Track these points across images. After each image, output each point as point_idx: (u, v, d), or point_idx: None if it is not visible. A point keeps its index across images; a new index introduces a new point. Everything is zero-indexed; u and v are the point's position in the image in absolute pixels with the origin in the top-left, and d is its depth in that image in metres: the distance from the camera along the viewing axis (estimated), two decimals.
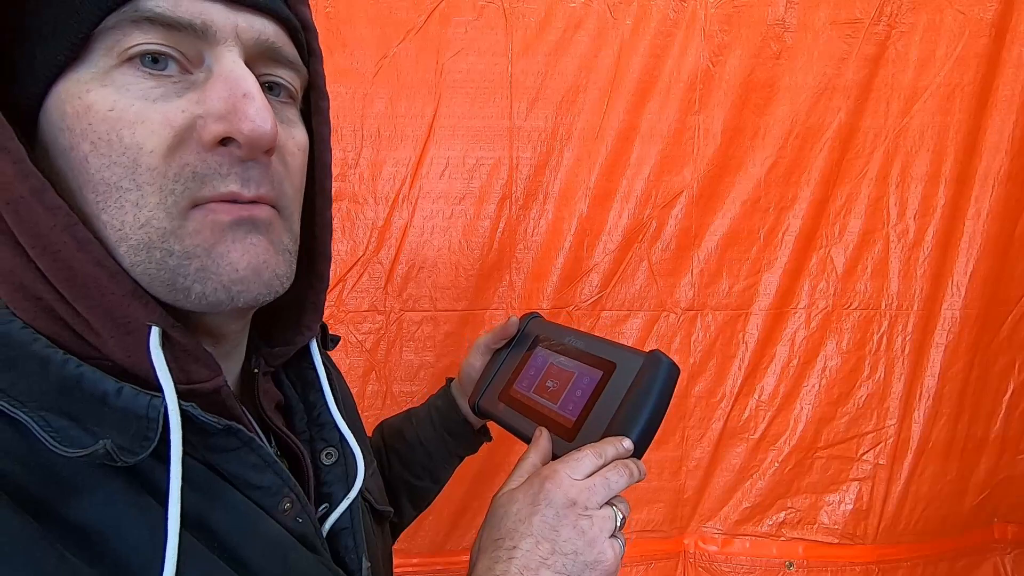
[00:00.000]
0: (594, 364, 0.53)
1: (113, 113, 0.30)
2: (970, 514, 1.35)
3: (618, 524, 0.43)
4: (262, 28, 0.34)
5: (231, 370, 0.42)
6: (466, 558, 0.45)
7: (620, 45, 1.20)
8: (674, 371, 0.48)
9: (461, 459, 0.77)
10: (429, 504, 0.77)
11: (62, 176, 0.31)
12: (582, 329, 0.60)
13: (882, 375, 1.29)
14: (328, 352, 0.53)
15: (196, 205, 0.32)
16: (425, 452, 0.71)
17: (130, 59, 0.30)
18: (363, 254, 1.19)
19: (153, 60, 0.31)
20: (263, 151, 0.33)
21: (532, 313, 0.68)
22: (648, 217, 1.24)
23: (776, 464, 1.30)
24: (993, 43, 1.22)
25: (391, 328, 1.20)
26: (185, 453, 0.32)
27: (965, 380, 1.30)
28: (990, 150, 1.25)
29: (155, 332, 0.32)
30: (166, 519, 0.30)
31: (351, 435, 0.46)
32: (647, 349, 0.52)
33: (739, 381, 1.28)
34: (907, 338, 1.28)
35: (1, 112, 0.29)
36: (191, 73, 0.32)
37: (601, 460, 0.44)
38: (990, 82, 1.23)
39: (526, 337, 0.65)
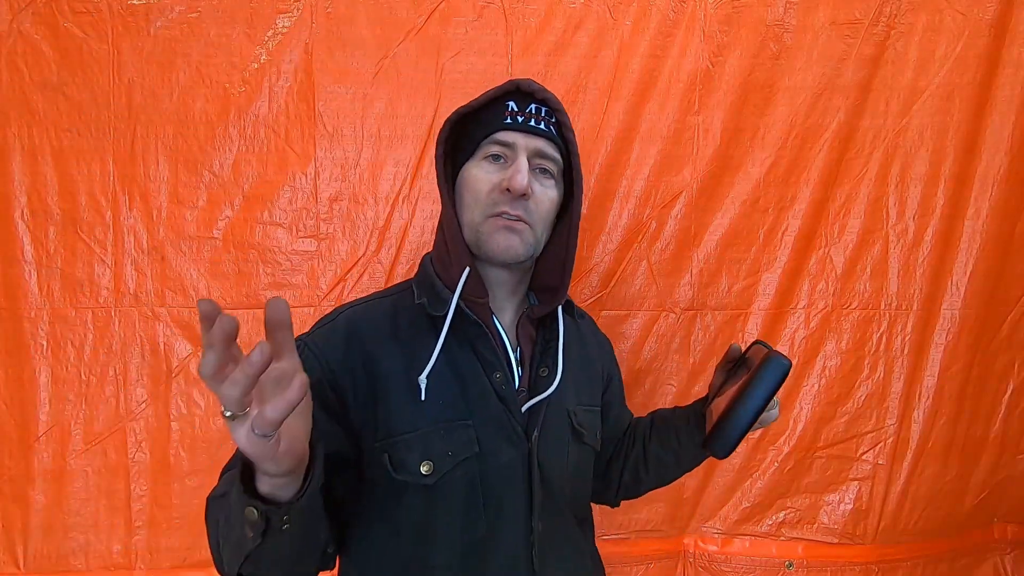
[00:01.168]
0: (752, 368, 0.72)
1: (476, 178, 0.73)
2: (970, 514, 1.36)
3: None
4: (538, 144, 0.72)
5: (508, 308, 0.79)
6: None
7: (620, 45, 1.21)
8: (783, 371, 0.68)
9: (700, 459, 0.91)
10: (658, 484, 0.94)
11: (457, 202, 0.75)
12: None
13: (881, 375, 1.29)
14: (586, 320, 0.93)
15: (492, 216, 0.71)
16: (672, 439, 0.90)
17: (487, 157, 0.73)
18: (363, 254, 1.19)
19: (495, 157, 0.73)
20: (520, 195, 0.71)
21: (761, 343, 0.79)
22: (648, 217, 1.25)
23: (776, 464, 1.30)
24: (992, 44, 1.23)
25: None
26: (457, 328, 0.72)
27: (965, 380, 1.30)
28: (989, 150, 1.25)
29: (467, 270, 0.72)
30: (443, 351, 0.71)
31: (561, 366, 0.76)
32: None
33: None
34: (906, 338, 1.28)
35: (444, 178, 0.76)
36: (507, 163, 0.72)
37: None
38: (989, 82, 1.24)
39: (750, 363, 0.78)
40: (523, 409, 0.73)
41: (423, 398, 0.69)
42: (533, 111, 0.72)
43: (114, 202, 1.15)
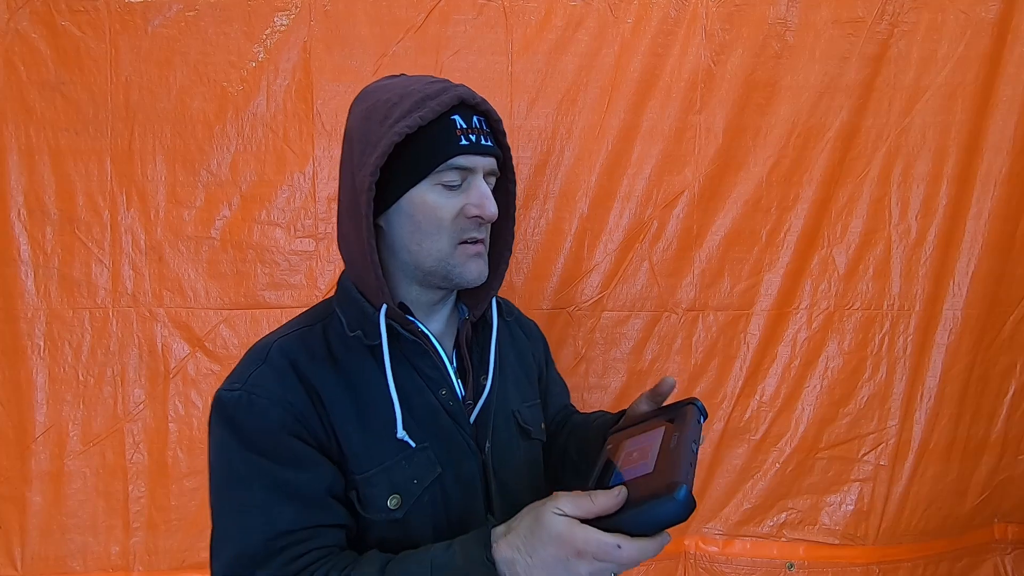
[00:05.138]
0: (657, 461, 0.58)
1: (436, 204, 0.67)
2: (971, 514, 1.35)
3: None
4: (490, 162, 0.70)
5: (439, 317, 0.76)
6: None
7: (621, 44, 1.20)
8: (679, 507, 0.51)
9: None
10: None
11: (399, 229, 0.69)
12: (699, 439, 0.63)
13: (883, 376, 1.29)
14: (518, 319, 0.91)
15: (461, 243, 0.68)
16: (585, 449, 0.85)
17: (442, 183, 0.67)
18: None
19: (451, 183, 0.67)
20: (490, 222, 0.69)
21: (697, 402, 0.71)
22: (649, 217, 1.24)
23: (777, 465, 1.30)
24: (995, 43, 1.22)
25: None
26: (395, 349, 0.68)
27: (966, 381, 1.30)
28: (992, 150, 1.24)
29: (383, 308, 0.68)
30: (385, 380, 0.67)
31: (495, 370, 0.76)
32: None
33: (740, 382, 1.28)
34: (909, 339, 1.28)
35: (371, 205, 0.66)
36: (461, 185, 0.68)
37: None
38: (992, 82, 1.23)
39: (671, 412, 0.69)
40: (471, 420, 0.72)
41: (378, 431, 0.66)
42: (477, 125, 0.69)
43: (112, 202, 1.14)
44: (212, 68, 1.14)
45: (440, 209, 0.67)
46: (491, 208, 0.67)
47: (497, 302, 0.80)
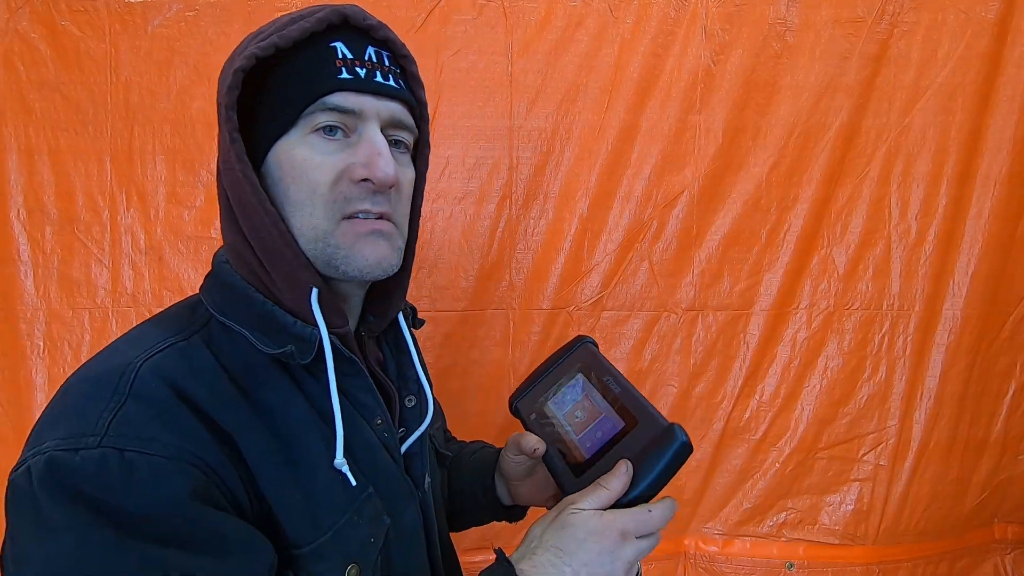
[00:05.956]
0: (621, 414, 0.56)
1: (306, 162, 0.50)
2: (971, 514, 1.35)
3: None
4: (393, 108, 0.53)
5: (351, 325, 0.59)
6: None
7: (621, 44, 1.20)
8: (686, 450, 0.51)
9: (485, 520, 0.80)
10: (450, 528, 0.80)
11: (273, 196, 0.51)
12: (621, 373, 0.62)
13: (883, 376, 1.29)
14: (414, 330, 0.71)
15: (345, 217, 0.51)
16: (461, 490, 0.78)
17: (316, 130, 0.50)
18: None
19: (330, 130, 0.50)
20: (387, 187, 0.51)
21: (588, 338, 0.70)
22: (649, 217, 1.24)
23: (777, 465, 1.30)
24: (995, 43, 1.22)
25: None
26: (316, 369, 0.51)
27: (966, 381, 1.30)
28: (992, 150, 1.24)
29: (315, 292, 0.50)
30: (314, 409, 0.51)
31: (428, 388, 0.64)
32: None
33: (740, 382, 1.28)
34: (908, 339, 1.28)
35: (245, 158, 0.50)
36: (349, 137, 0.51)
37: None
38: (992, 82, 1.23)
39: (574, 360, 0.68)
40: (402, 452, 0.59)
41: (322, 482, 0.49)
42: (374, 58, 0.51)
43: (111, 202, 1.14)
44: (212, 68, 1.14)
45: (312, 169, 0.49)
46: (384, 168, 0.49)
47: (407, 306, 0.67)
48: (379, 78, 0.51)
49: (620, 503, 0.51)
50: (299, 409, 0.50)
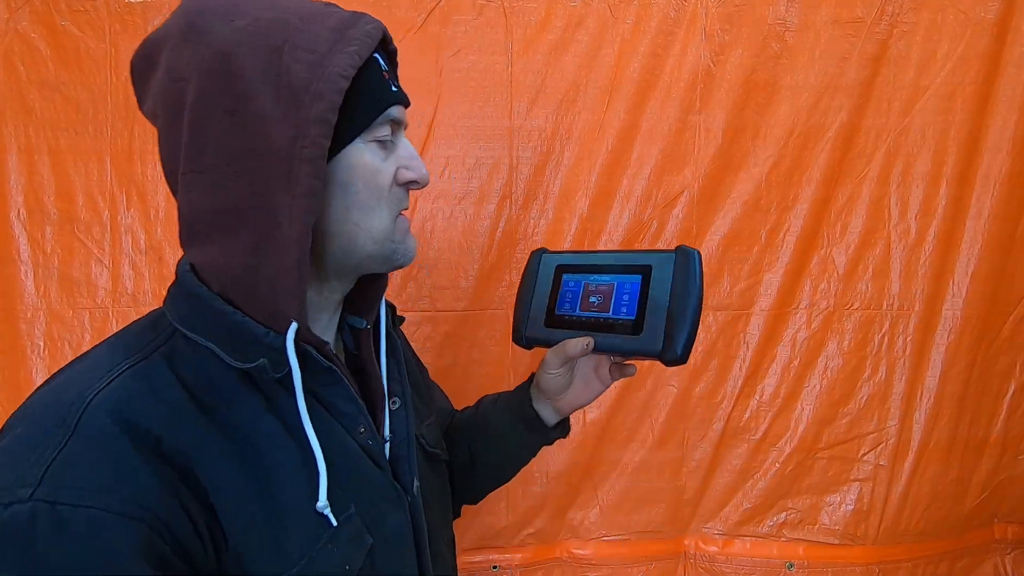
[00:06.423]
0: (630, 271, 0.61)
1: (372, 168, 0.53)
2: (971, 514, 1.35)
3: None
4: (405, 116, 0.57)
5: (332, 324, 0.60)
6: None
7: (621, 44, 1.20)
8: (700, 257, 0.57)
9: (533, 452, 0.82)
10: (495, 486, 0.86)
11: (329, 212, 0.51)
12: (588, 250, 0.65)
13: (883, 376, 1.29)
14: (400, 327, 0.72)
15: (397, 217, 0.56)
16: (500, 437, 0.79)
17: (377, 140, 0.53)
18: None
19: (385, 146, 0.54)
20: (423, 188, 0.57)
21: (540, 249, 0.72)
22: (649, 217, 1.24)
23: (777, 465, 1.30)
24: (994, 43, 1.22)
25: None
26: (291, 379, 0.48)
27: (966, 381, 1.30)
28: (991, 150, 1.24)
29: (293, 325, 0.47)
30: (286, 426, 0.49)
31: (410, 391, 0.64)
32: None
33: (740, 382, 1.28)
34: (908, 339, 1.28)
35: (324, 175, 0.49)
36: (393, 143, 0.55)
37: None
38: (991, 82, 1.23)
39: (546, 270, 0.70)
40: (388, 457, 0.59)
41: (292, 508, 0.47)
42: (389, 69, 0.56)
43: (112, 202, 1.14)
44: None
45: (380, 174, 0.53)
46: (425, 170, 0.56)
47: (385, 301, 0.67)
48: (400, 88, 0.56)
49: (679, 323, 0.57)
50: (270, 426, 0.48)
